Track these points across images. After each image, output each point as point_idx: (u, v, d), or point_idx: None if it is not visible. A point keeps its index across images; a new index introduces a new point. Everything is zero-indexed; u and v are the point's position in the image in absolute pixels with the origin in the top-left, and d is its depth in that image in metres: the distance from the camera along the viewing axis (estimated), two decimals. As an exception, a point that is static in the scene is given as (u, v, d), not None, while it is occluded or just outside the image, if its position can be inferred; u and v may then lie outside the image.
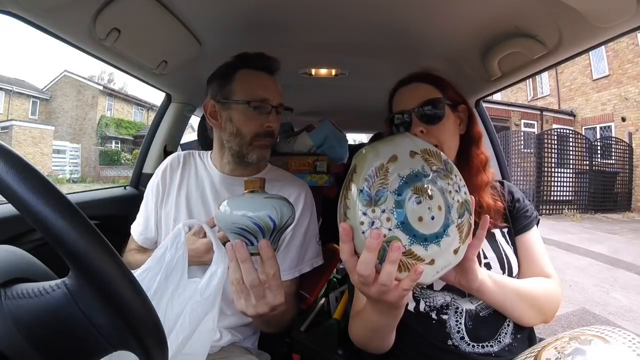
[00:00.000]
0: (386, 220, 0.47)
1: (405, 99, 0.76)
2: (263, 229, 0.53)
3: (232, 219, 0.53)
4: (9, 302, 0.31)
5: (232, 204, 0.55)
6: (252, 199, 0.55)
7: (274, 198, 0.55)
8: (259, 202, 0.54)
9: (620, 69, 8.89)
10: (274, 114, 0.85)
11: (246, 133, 0.84)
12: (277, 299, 0.55)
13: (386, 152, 0.50)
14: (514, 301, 0.67)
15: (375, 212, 0.47)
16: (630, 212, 8.14)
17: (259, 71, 0.86)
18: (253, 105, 0.83)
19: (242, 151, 0.86)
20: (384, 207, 0.47)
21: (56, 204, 0.29)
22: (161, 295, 0.60)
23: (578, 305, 2.93)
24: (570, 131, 8.97)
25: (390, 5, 0.81)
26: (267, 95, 0.84)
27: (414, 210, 0.49)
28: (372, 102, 1.53)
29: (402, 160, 0.50)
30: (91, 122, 15.82)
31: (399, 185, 0.49)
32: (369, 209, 0.46)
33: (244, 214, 0.52)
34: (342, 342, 0.93)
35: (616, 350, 0.45)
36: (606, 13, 0.66)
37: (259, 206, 0.53)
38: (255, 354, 0.87)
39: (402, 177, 0.50)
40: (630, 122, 8.73)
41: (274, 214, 0.53)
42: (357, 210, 0.46)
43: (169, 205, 0.90)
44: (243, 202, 0.54)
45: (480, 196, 0.73)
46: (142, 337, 0.32)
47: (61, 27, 0.74)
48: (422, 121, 0.72)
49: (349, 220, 0.47)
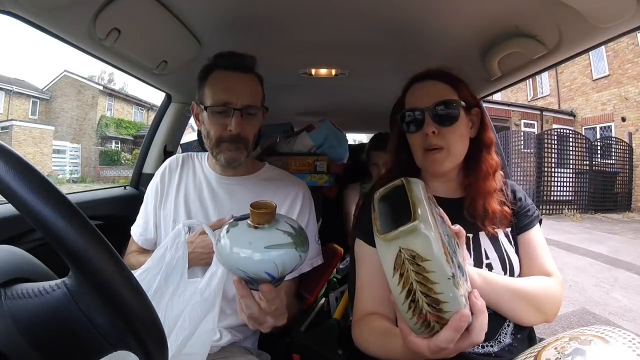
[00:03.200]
0: None
1: (419, 96, 0.74)
2: (261, 281, 0.48)
3: (230, 263, 0.48)
4: (9, 302, 0.31)
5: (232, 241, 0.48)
6: (252, 245, 0.47)
7: (279, 247, 0.47)
8: (258, 251, 0.46)
9: (620, 69, 8.88)
10: (236, 117, 0.82)
11: (212, 136, 0.85)
12: (279, 321, 0.55)
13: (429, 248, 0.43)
14: (507, 299, 0.66)
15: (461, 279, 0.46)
16: (630, 212, 8.13)
17: (230, 71, 0.85)
18: (212, 110, 0.83)
19: (213, 153, 0.87)
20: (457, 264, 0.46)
21: (56, 204, 0.29)
22: (161, 295, 0.60)
23: (578, 305, 2.93)
24: (570, 131, 8.97)
25: (391, 5, 0.81)
26: (228, 99, 0.82)
27: None
28: (372, 102, 1.54)
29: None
30: (91, 122, 15.80)
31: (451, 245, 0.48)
32: (456, 281, 0.44)
33: (238, 267, 0.47)
34: (342, 342, 0.93)
35: (616, 350, 0.45)
36: (606, 13, 0.66)
37: (257, 259, 0.46)
38: (255, 354, 0.87)
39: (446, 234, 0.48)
40: (630, 122, 8.72)
41: (273, 271, 0.46)
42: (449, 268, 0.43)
43: (168, 207, 0.90)
44: (242, 245, 0.47)
45: (487, 202, 0.73)
46: (142, 337, 0.32)
47: (61, 27, 0.74)
48: (434, 121, 0.71)
49: None
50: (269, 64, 0.91)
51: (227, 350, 0.82)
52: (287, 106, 1.73)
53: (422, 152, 0.74)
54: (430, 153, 0.73)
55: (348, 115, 1.97)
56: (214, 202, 0.88)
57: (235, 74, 0.85)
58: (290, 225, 0.51)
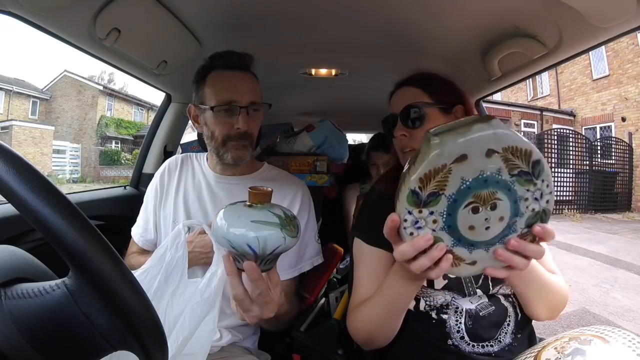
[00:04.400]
0: (432, 222, 0.45)
1: (394, 103, 0.80)
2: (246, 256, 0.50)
3: (218, 233, 0.50)
4: (9, 302, 0.31)
5: (225, 214, 0.51)
6: (240, 219, 0.49)
7: (265, 224, 0.49)
8: (244, 225, 0.49)
9: (620, 69, 8.88)
10: (243, 115, 0.83)
11: (218, 136, 0.84)
12: (264, 314, 0.54)
13: (455, 149, 0.42)
14: (536, 287, 0.67)
15: (421, 213, 0.45)
16: (630, 212, 8.13)
17: (228, 70, 0.85)
18: (218, 109, 0.82)
19: (219, 153, 0.87)
20: (433, 209, 0.45)
21: (56, 204, 0.29)
22: (161, 295, 0.60)
23: (578, 305, 2.93)
24: (570, 131, 8.97)
25: (391, 5, 0.81)
26: (233, 97, 0.82)
27: (466, 218, 0.45)
28: (372, 102, 1.53)
29: (472, 161, 0.43)
30: (91, 122, 15.80)
31: (458, 190, 0.44)
32: (416, 210, 0.45)
33: (224, 236, 0.49)
34: (342, 342, 0.93)
35: (616, 350, 0.45)
36: (606, 13, 0.66)
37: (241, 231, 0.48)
38: (255, 354, 0.87)
39: (465, 181, 0.43)
40: (630, 122, 8.72)
41: (255, 244, 0.48)
42: (403, 208, 0.45)
43: (168, 207, 0.90)
44: (232, 218, 0.50)
45: None
46: (142, 337, 0.32)
47: (61, 27, 0.74)
48: (404, 125, 0.76)
49: (396, 210, 0.46)
50: (269, 64, 0.91)
51: (227, 350, 0.82)
52: (287, 106, 1.73)
53: (401, 154, 0.79)
54: (407, 154, 0.77)
55: (348, 115, 1.97)
56: (213, 202, 0.88)
57: (235, 73, 0.85)
58: (283, 212, 0.52)
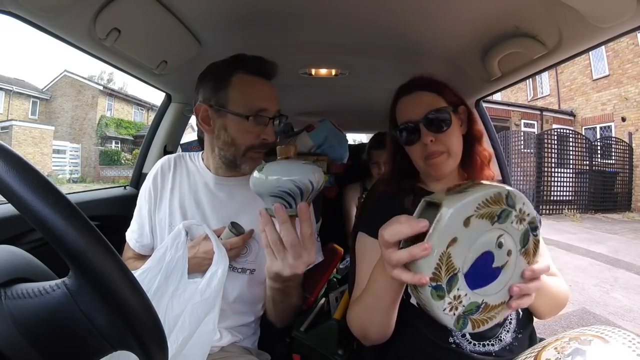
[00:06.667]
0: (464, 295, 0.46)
1: (410, 108, 0.77)
2: (303, 191, 0.57)
3: (275, 183, 0.57)
4: (9, 302, 0.31)
5: (271, 169, 0.58)
6: (290, 165, 0.59)
7: (308, 164, 0.60)
8: (298, 167, 0.58)
9: (620, 69, 8.89)
10: (271, 125, 0.81)
11: (241, 144, 0.80)
12: (311, 257, 0.59)
13: (440, 239, 0.43)
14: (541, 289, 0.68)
15: (451, 296, 0.46)
16: (630, 212, 8.13)
17: (256, 76, 0.81)
18: (251, 118, 0.78)
19: (236, 161, 0.82)
20: (458, 287, 0.46)
21: (56, 204, 0.29)
22: (161, 295, 0.60)
23: (578, 305, 2.93)
24: (570, 131, 8.97)
25: (391, 5, 0.81)
26: (265, 105, 0.79)
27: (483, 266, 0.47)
28: (372, 102, 1.54)
29: (462, 239, 0.44)
30: (91, 122, 15.81)
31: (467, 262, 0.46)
32: (446, 299, 0.45)
33: (289, 178, 0.56)
34: (342, 342, 0.93)
35: (616, 350, 0.45)
36: (606, 13, 0.66)
37: (300, 170, 0.57)
38: (255, 354, 0.87)
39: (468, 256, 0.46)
40: (630, 122, 8.72)
41: (313, 178, 0.58)
42: (434, 308, 0.45)
43: (163, 211, 0.87)
44: (282, 168, 0.58)
45: None
46: (142, 337, 0.32)
47: (61, 27, 0.74)
48: (430, 131, 0.74)
49: (432, 315, 0.46)
50: (269, 63, 0.90)
51: (227, 350, 0.82)
52: (287, 106, 1.71)
53: (423, 161, 0.77)
54: (431, 159, 0.75)
55: (348, 115, 1.97)
56: (211, 203, 0.86)
57: (264, 81, 0.82)
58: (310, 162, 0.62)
